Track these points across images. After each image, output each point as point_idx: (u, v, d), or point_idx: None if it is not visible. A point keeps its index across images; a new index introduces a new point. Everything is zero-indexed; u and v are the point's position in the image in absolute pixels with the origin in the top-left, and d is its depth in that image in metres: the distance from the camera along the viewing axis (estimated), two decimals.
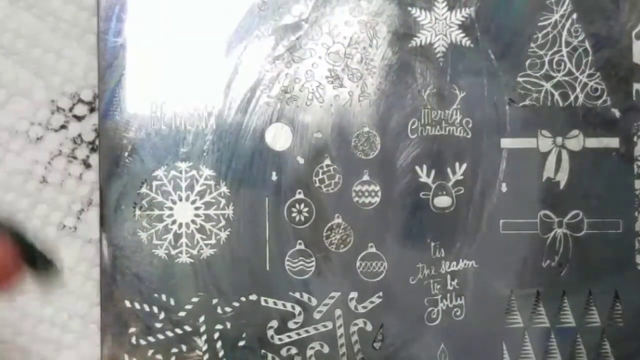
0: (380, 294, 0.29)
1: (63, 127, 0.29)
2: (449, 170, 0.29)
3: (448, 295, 0.29)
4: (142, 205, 0.28)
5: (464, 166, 0.29)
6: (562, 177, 0.29)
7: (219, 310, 0.28)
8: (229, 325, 0.28)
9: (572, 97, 0.29)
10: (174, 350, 0.28)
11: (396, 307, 0.29)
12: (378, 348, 0.29)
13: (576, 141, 0.29)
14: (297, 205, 0.29)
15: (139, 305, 0.28)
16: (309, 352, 0.29)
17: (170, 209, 0.28)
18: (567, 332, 0.29)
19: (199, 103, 0.28)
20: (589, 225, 0.29)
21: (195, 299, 0.28)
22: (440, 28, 0.29)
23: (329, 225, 0.29)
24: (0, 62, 0.29)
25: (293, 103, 0.29)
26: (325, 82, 0.29)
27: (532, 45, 0.29)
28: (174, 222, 0.28)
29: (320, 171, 0.29)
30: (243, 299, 0.28)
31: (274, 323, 0.29)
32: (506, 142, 0.29)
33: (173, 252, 0.28)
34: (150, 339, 0.28)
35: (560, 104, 0.29)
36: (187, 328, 0.28)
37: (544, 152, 0.29)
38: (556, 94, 0.29)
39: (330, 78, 0.29)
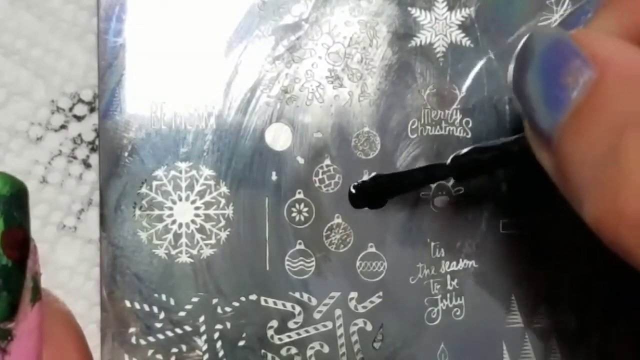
0: (380, 293, 0.29)
1: (63, 127, 0.29)
2: None
3: (448, 295, 0.29)
4: (142, 205, 0.28)
5: None
6: None
7: (219, 310, 0.28)
8: (229, 325, 0.28)
9: None
10: (174, 350, 0.28)
11: (396, 307, 0.29)
12: (378, 348, 0.29)
13: None
14: (297, 205, 0.29)
15: (139, 305, 0.28)
16: (309, 352, 0.29)
17: (170, 208, 0.28)
18: (567, 332, 0.29)
19: (199, 103, 0.28)
20: None
21: (195, 299, 0.28)
22: (440, 28, 0.29)
23: (329, 225, 0.29)
24: (0, 62, 0.29)
25: (293, 103, 0.29)
26: (325, 82, 0.29)
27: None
28: (173, 222, 0.28)
29: (320, 171, 0.29)
30: (243, 299, 0.28)
31: (274, 323, 0.29)
32: None
33: (173, 252, 0.28)
34: (150, 338, 0.28)
35: None
36: (187, 328, 0.28)
37: None
38: None
39: (330, 78, 0.29)
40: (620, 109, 0.16)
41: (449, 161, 0.26)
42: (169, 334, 0.28)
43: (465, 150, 0.26)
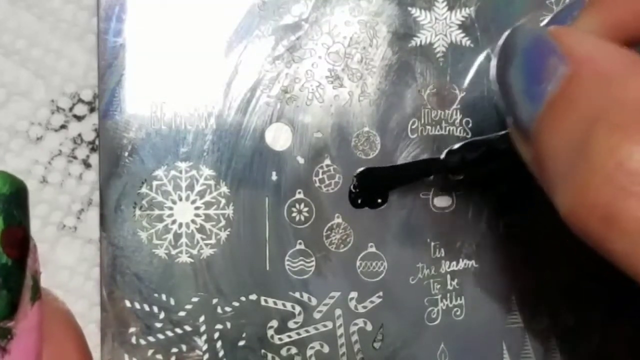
0: (380, 293, 0.29)
1: (63, 127, 0.29)
2: None
3: (448, 295, 0.29)
4: (142, 205, 0.28)
5: None
6: None
7: (219, 310, 0.28)
8: (229, 325, 0.28)
9: None
10: (174, 350, 0.28)
11: (396, 307, 0.29)
12: (378, 348, 0.29)
13: None
14: (297, 205, 0.29)
15: (139, 305, 0.28)
16: (309, 352, 0.29)
17: (170, 208, 0.28)
18: (567, 332, 0.29)
19: (199, 103, 0.28)
20: None
21: (195, 299, 0.28)
22: (440, 28, 0.29)
23: (329, 225, 0.29)
24: (0, 62, 0.29)
25: (293, 103, 0.29)
26: (325, 82, 0.29)
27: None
28: (174, 222, 0.28)
29: (320, 171, 0.29)
30: (243, 298, 0.28)
31: (274, 323, 0.29)
32: None
33: (173, 252, 0.28)
34: (150, 338, 0.28)
35: None
36: (187, 328, 0.28)
37: None
38: None
39: (330, 78, 0.29)
40: (591, 103, 0.17)
41: (442, 156, 0.27)
42: (169, 334, 0.28)
43: (458, 145, 0.26)
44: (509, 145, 0.21)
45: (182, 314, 0.28)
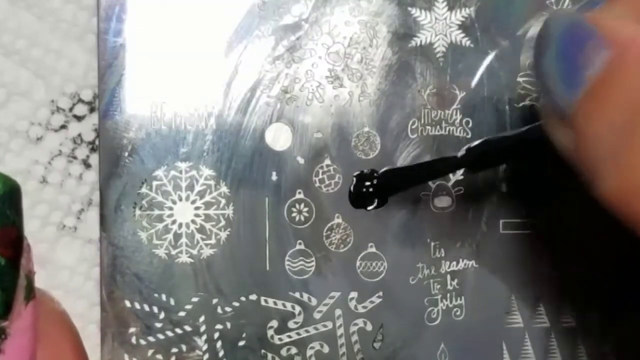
0: (380, 293, 0.29)
1: (63, 127, 0.29)
2: None
3: (448, 295, 0.29)
4: (142, 205, 0.28)
5: None
6: None
7: (219, 310, 0.28)
8: (229, 325, 0.28)
9: None
10: (174, 350, 0.28)
11: (396, 307, 0.29)
12: (378, 348, 0.29)
13: None
14: (297, 205, 0.29)
15: (139, 305, 0.28)
16: (309, 352, 0.29)
17: (170, 208, 0.28)
18: (567, 332, 0.29)
19: (199, 103, 0.28)
20: None
21: (195, 299, 0.28)
22: (440, 28, 0.29)
23: (329, 225, 0.29)
24: (0, 62, 0.29)
25: (293, 103, 0.29)
26: (325, 82, 0.29)
27: (533, 45, 0.29)
28: (174, 222, 0.28)
29: (320, 171, 0.29)
30: (243, 299, 0.28)
31: (274, 323, 0.29)
32: None
33: (173, 252, 0.28)
34: (150, 338, 0.28)
35: None
36: (187, 328, 0.28)
37: None
38: None
39: (330, 78, 0.29)
40: (636, 86, 0.17)
41: (461, 153, 0.26)
42: (169, 334, 0.28)
43: (477, 142, 0.26)
44: (532, 139, 0.21)
45: (182, 314, 0.28)
